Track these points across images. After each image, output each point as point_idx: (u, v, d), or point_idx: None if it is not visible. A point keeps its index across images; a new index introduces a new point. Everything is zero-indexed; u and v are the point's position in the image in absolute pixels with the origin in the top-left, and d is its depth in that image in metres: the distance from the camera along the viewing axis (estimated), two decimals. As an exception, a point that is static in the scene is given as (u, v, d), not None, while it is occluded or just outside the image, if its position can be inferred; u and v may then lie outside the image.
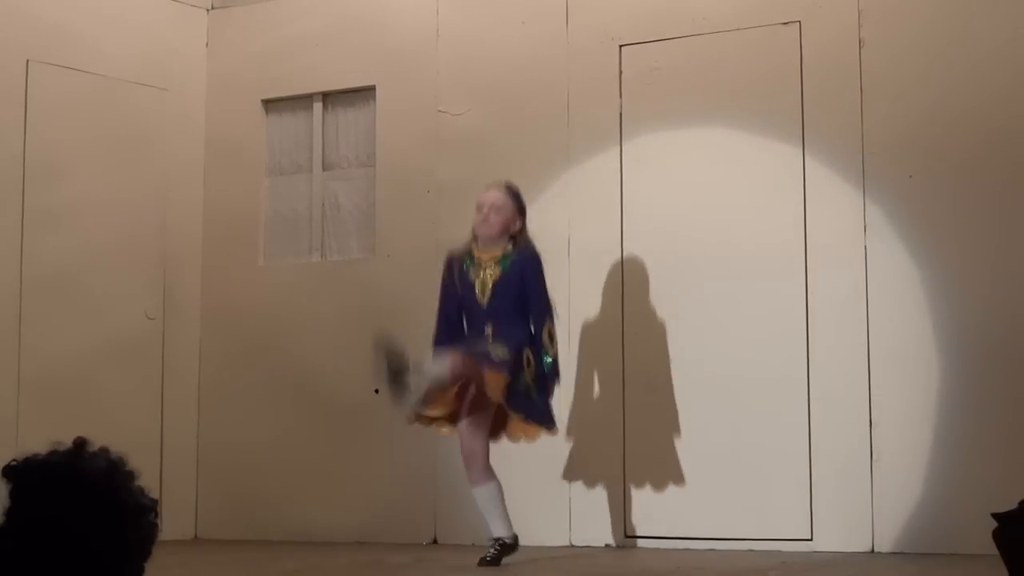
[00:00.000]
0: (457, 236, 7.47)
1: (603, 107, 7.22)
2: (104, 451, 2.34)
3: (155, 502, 2.35)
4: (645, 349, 6.69)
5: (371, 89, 7.94)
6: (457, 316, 6.23)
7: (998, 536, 3.37)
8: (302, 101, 8.21)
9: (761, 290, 6.76)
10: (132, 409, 7.76)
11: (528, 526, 6.98)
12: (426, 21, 7.77)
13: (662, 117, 7.09)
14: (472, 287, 6.10)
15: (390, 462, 7.55)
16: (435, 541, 7.38)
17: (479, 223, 6.16)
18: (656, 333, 6.82)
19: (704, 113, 6.99)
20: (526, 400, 5.98)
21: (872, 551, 6.40)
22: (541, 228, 6.59)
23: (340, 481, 7.69)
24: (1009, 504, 3.37)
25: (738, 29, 6.96)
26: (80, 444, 2.32)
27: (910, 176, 6.53)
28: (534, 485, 6.98)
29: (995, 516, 3.38)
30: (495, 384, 5.90)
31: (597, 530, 6.94)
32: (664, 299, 6.94)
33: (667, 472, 6.85)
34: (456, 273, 6.19)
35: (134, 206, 7.93)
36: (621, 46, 7.23)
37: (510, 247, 6.13)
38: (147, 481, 2.42)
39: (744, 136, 6.90)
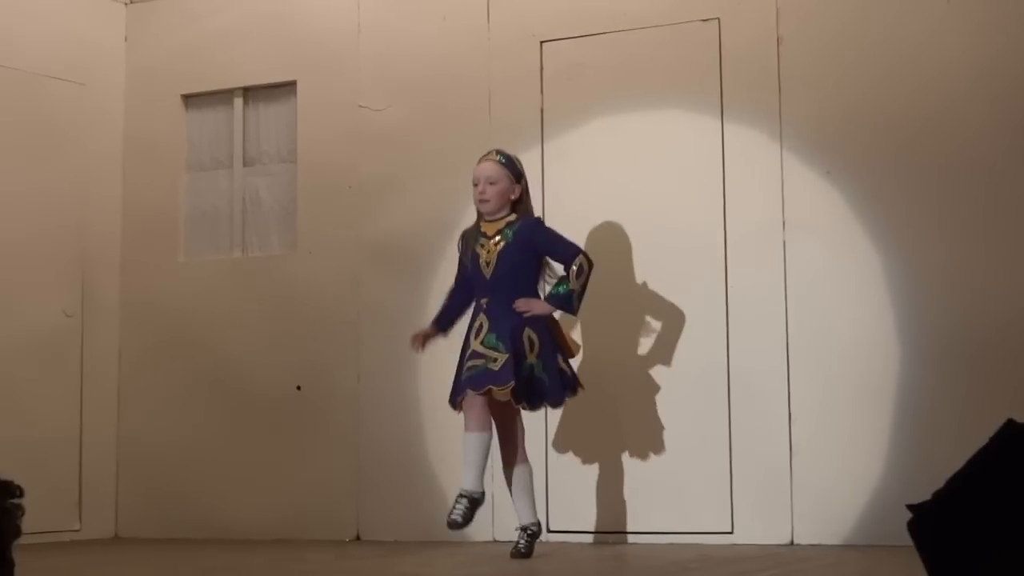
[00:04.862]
0: (379, 231, 7.51)
1: (524, 103, 7.24)
2: None
3: None
4: (567, 344, 6.69)
5: (292, 84, 7.91)
6: (461, 295, 6.29)
7: (913, 528, 3.41)
8: (222, 96, 8.15)
9: (681, 286, 6.80)
10: (50, 407, 7.67)
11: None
12: (347, 16, 7.75)
13: (583, 113, 7.11)
14: (478, 260, 6.15)
15: (312, 459, 7.53)
16: (358, 538, 7.36)
17: (477, 199, 6.20)
18: (577, 330, 6.84)
19: (625, 109, 7.03)
20: (531, 384, 5.97)
21: (791, 543, 6.47)
22: (464, 225, 6.58)
23: (262, 478, 7.66)
24: (926, 496, 3.41)
25: (658, 25, 7.00)
26: None
27: (828, 172, 6.60)
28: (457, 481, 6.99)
29: (910, 508, 3.42)
30: (501, 395, 5.92)
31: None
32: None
33: (586, 466, 6.88)
34: (467, 250, 6.24)
35: (52, 202, 7.84)
36: (542, 42, 7.25)
37: (513, 217, 6.18)
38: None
39: (664, 132, 6.94)
